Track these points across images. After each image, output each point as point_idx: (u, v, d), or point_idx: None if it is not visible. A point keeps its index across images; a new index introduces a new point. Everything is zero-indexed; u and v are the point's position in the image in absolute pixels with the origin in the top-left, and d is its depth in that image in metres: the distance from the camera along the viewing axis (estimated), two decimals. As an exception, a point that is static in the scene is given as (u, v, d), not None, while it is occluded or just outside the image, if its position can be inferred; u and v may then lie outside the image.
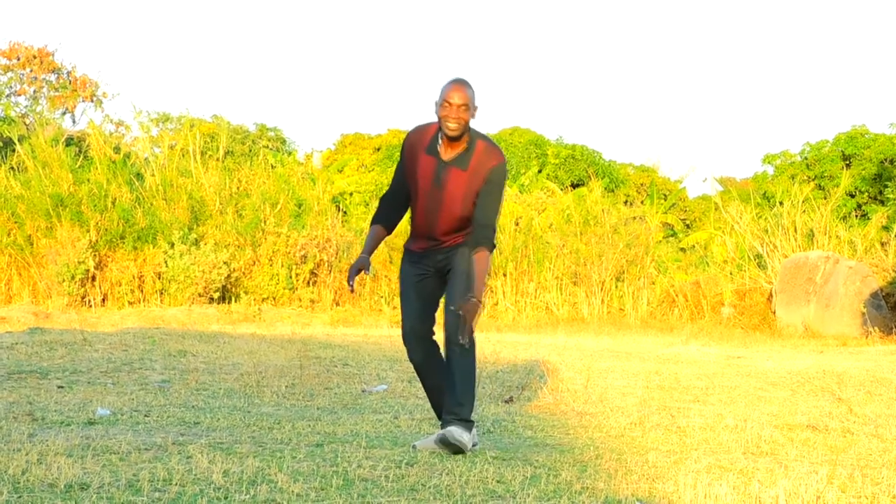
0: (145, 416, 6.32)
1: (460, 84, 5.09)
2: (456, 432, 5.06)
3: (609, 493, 4.30)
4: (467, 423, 5.14)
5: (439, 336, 5.36)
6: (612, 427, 6.34)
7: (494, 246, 5.15)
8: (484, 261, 5.07)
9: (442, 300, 5.36)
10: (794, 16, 63.68)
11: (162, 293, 17.16)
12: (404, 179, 5.33)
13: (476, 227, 5.12)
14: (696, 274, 20.09)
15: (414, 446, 5.22)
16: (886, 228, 19.57)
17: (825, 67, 64.08)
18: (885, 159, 23.97)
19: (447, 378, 5.21)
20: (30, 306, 16.02)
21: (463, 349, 5.11)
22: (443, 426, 5.17)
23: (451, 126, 5.06)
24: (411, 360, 5.38)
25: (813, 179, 24.08)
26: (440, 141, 5.15)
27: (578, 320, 17.94)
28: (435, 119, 5.18)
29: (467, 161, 5.12)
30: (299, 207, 20.04)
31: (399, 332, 5.52)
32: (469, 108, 5.07)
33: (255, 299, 17.60)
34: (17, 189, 18.00)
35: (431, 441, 5.20)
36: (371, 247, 5.41)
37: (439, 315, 5.41)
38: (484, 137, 5.20)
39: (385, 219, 5.44)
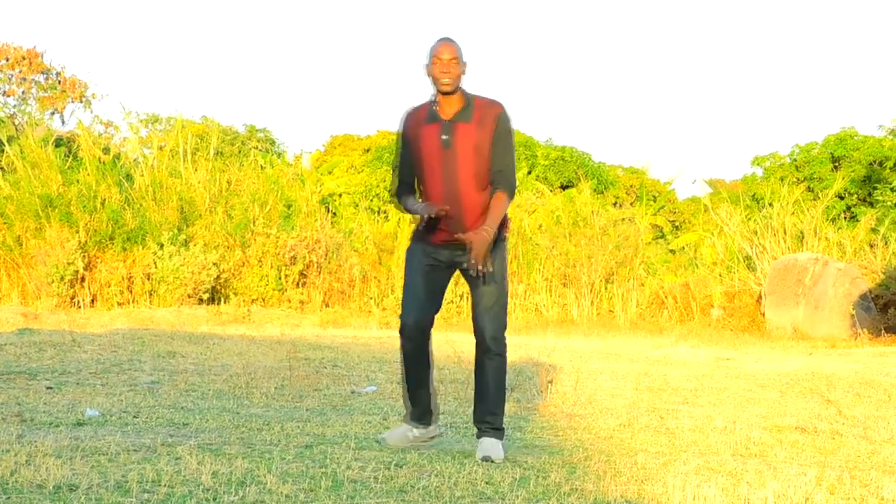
0: (134, 417, 6.31)
1: (447, 40, 5.15)
2: (492, 448, 5.11)
3: (598, 494, 4.30)
4: (500, 432, 5.23)
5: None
6: (602, 429, 6.34)
7: (514, 191, 5.13)
8: (502, 201, 5.06)
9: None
10: (783, 18, 63.86)
11: (151, 294, 17.11)
12: (409, 157, 5.25)
13: (494, 175, 5.10)
14: (686, 276, 20.11)
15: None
16: (875, 230, 19.62)
17: (814, 69, 64.29)
18: (874, 161, 24.03)
19: (479, 386, 5.25)
20: (19, 307, 15.96)
21: (499, 357, 5.17)
22: (478, 436, 5.25)
23: (445, 81, 5.08)
24: (403, 348, 5.27)
25: (802, 181, 24.12)
26: (436, 106, 5.17)
27: (568, 322, 17.93)
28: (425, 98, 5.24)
29: (470, 114, 5.13)
30: (288, 209, 20.00)
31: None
32: (459, 62, 5.10)
33: (244, 300, 17.55)
34: (7, 190, 17.94)
35: (399, 435, 5.37)
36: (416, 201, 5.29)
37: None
38: (480, 95, 5.21)
39: (407, 189, 5.32)
